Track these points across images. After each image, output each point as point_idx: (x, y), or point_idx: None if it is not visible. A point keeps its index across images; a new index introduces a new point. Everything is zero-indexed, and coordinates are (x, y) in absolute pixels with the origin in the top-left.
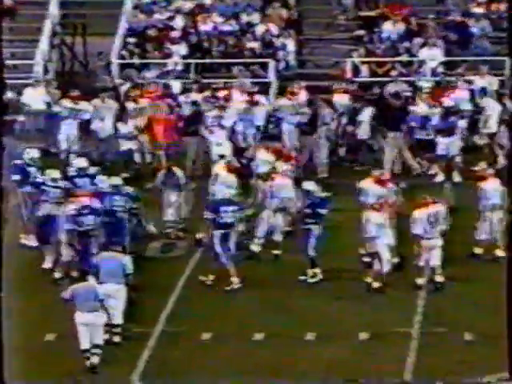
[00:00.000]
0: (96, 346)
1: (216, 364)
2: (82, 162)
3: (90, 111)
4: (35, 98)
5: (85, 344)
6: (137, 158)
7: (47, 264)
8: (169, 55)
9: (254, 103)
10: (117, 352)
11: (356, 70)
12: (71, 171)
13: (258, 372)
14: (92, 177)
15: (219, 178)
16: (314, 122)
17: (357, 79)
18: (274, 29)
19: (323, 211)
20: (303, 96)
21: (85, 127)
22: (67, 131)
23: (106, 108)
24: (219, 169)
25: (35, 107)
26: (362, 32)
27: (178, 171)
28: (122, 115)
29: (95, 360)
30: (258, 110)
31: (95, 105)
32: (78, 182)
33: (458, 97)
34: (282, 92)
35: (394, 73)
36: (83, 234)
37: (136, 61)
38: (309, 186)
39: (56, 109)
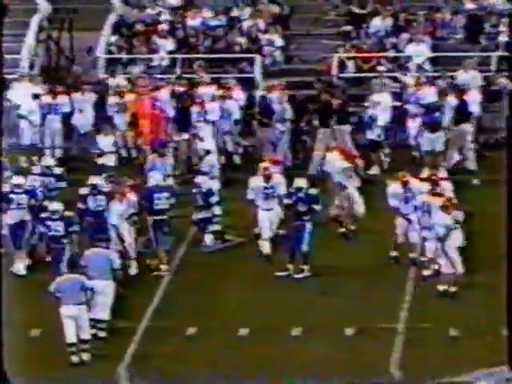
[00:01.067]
0: (84, 342)
1: (201, 359)
2: (48, 161)
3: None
4: (19, 93)
5: (71, 337)
6: (122, 152)
7: (21, 270)
8: (156, 50)
9: (229, 97)
10: (103, 347)
11: (342, 66)
12: (35, 170)
13: (243, 367)
14: (57, 176)
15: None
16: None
17: (343, 75)
18: (262, 24)
19: (317, 207)
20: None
21: (65, 122)
22: (50, 126)
23: (85, 101)
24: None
25: (15, 102)
26: (349, 27)
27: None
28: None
29: (85, 356)
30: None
31: (75, 98)
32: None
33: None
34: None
35: (380, 68)
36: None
37: (122, 56)
38: (300, 182)
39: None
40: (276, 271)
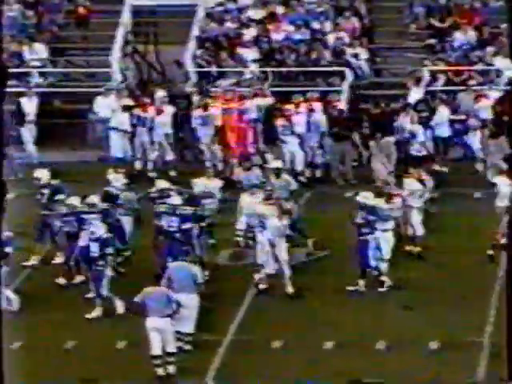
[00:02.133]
0: (170, 355)
1: (286, 372)
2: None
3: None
4: (104, 106)
5: (156, 350)
6: (208, 165)
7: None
8: (242, 64)
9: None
10: (188, 360)
11: (431, 79)
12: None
13: (327, 380)
14: None
15: None
16: None
17: (432, 88)
18: (346, 38)
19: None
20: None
21: None
22: (140, 138)
23: (165, 114)
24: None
25: (103, 115)
26: (433, 41)
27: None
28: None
29: (171, 369)
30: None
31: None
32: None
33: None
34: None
35: (471, 82)
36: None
37: (213, 69)
38: (369, 197)
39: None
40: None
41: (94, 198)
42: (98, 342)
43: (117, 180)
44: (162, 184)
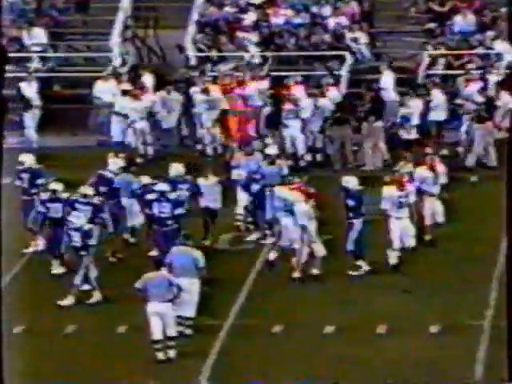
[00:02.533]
0: (170, 339)
1: (286, 356)
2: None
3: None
4: (105, 90)
5: (157, 334)
6: (209, 150)
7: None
8: (242, 47)
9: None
10: (188, 344)
11: (431, 63)
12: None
13: (328, 364)
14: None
15: None
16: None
17: (432, 72)
18: (346, 22)
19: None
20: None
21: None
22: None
23: (172, 100)
24: None
25: (105, 100)
26: (433, 25)
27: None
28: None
29: (172, 354)
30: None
31: (161, 96)
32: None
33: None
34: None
35: (470, 66)
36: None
37: (213, 54)
38: (350, 182)
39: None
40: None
41: (88, 190)
42: (98, 326)
43: (114, 164)
44: (145, 180)
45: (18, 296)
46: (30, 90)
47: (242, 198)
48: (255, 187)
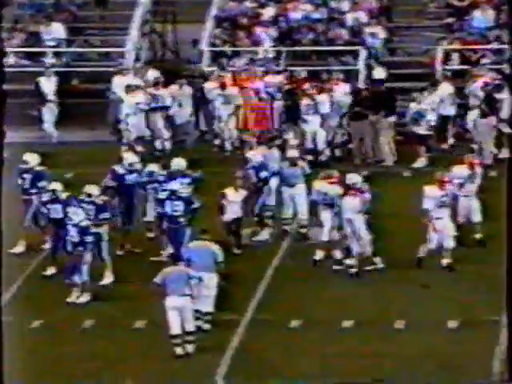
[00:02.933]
0: (189, 334)
1: (304, 351)
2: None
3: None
4: (121, 85)
5: (175, 329)
6: (227, 145)
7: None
8: (259, 43)
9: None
10: (206, 339)
11: (446, 58)
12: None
13: (346, 359)
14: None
15: None
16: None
17: (447, 67)
18: (364, 17)
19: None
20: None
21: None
22: (154, 118)
23: (183, 95)
24: None
25: (121, 95)
26: (451, 20)
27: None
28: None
29: (190, 348)
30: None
31: (173, 92)
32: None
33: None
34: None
35: (484, 60)
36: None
37: (227, 48)
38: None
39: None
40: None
41: (93, 189)
42: (116, 321)
43: (127, 159)
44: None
45: (35, 291)
46: (48, 84)
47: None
48: (264, 174)
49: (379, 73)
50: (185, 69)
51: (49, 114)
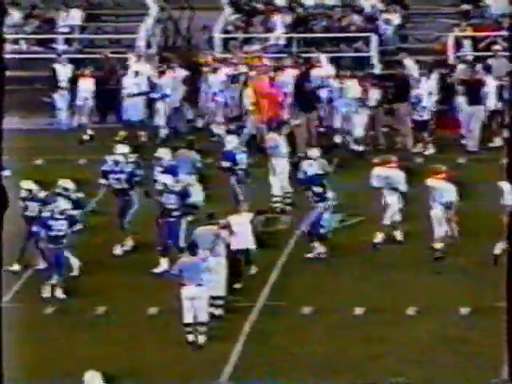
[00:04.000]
0: (201, 324)
1: (317, 337)
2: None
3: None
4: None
5: (188, 318)
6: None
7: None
8: (272, 29)
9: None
10: (219, 325)
11: (458, 45)
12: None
13: (358, 345)
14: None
15: None
16: None
17: (459, 54)
18: (380, 4)
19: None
20: None
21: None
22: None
23: (175, 78)
24: None
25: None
26: (468, 6)
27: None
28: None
29: (201, 339)
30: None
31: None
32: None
33: None
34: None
35: (496, 47)
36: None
37: (238, 35)
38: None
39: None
40: (390, 251)
41: (68, 183)
42: (129, 308)
43: (118, 150)
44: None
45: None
46: (63, 71)
47: (276, 183)
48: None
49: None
50: (195, 55)
51: (61, 100)
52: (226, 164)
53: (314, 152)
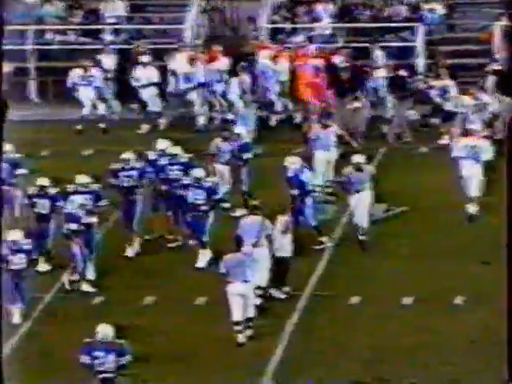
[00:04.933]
0: (249, 320)
1: (364, 327)
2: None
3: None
4: (181, 63)
5: (237, 315)
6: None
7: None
8: (318, 19)
9: None
10: (266, 316)
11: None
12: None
13: (405, 335)
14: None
15: None
16: None
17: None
18: None
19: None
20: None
21: None
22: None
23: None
24: None
25: (180, 72)
26: None
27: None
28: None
29: (249, 333)
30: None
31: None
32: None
33: None
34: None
35: None
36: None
37: (284, 25)
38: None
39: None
40: (441, 241)
41: (85, 178)
42: (177, 297)
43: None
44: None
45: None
46: (108, 61)
47: (320, 169)
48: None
49: None
50: (243, 45)
51: (107, 90)
52: None
53: (360, 158)
